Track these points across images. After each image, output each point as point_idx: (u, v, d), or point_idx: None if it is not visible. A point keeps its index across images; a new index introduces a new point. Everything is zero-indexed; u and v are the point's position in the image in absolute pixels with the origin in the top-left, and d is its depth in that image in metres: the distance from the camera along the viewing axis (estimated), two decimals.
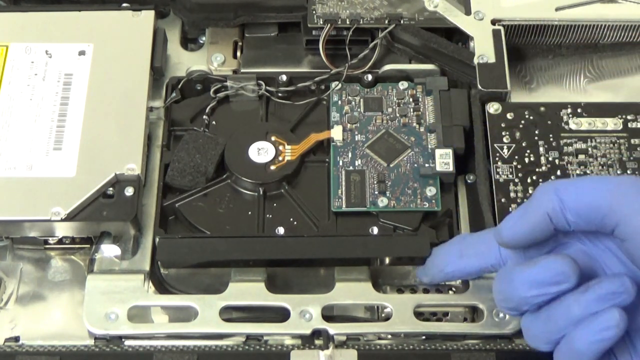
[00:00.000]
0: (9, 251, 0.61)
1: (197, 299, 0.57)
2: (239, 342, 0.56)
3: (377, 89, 0.65)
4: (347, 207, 0.60)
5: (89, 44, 0.64)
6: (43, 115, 0.61)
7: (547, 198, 0.49)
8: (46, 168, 0.59)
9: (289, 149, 0.62)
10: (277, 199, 0.61)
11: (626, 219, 0.47)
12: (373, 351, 0.55)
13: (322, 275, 0.60)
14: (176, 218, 0.61)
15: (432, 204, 0.60)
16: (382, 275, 0.60)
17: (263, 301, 0.57)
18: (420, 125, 0.63)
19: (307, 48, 0.68)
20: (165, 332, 0.57)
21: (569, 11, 0.66)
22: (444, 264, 0.55)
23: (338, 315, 0.57)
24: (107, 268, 0.59)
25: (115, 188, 0.59)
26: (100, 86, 0.62)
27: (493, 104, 0.62)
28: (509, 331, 0.56)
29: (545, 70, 0.70)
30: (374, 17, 0.66)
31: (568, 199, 0.48)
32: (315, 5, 0.67)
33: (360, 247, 0.57)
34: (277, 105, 0.65)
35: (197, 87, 0.66)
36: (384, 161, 0.62)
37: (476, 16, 0.66)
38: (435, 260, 0.55)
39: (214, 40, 0.69)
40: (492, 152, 0.60)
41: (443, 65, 0.66)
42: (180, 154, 0.62)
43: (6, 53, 0.64)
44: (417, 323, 0.56)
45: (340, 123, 0.63)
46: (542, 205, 0.49)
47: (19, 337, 0.58)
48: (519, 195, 0.58)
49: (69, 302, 0.60)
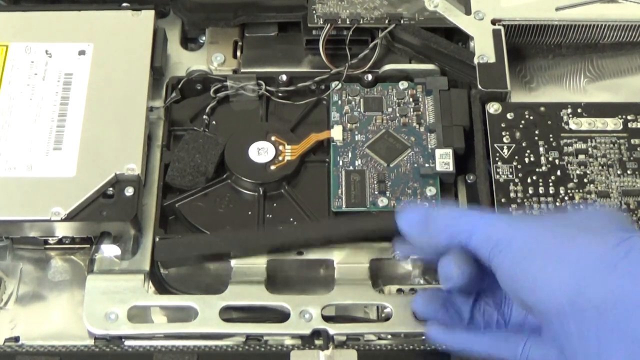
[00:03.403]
0: (9, 251, 0.61)
1: (197, 299, 0.57)
2: (239, 342, 0.56)
3: (377, 88, 0.65)
4: (347, 207, 0.60)
5: (89, 44, 0.64)
6: (43, 115, 0.61)
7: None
8: (46, 168, 0.59)
9: (289, 149, 0.62)
10: (277, 199, 0.61)
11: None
12: (373, 351, 0.55)
13: (322, 275, 0.60)
14: (176, 218, 0.61)
15: (432, 204, 0.60)
16: (382, 275, 0.60)
17: (263, 301, 0.57)
18: (420, 125, 0.63)
19: (307, 48, 0.68)
20: (165, 332, 0.57)
21: (569, 11, 0.66)
22: None
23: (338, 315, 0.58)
24: (107, 268, 0.59)
25: (115, 188, 0.59)
26: (100, 86, 0.62)
27: (493, 104, 0.62)
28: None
29: (545, 70, 0.70)
30: (374, 17, 0.66)
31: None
32: (315, 5, 0.67)
33: (356, 224, 0.57)
34: (277, 105, 0.65)
35: (197, 87, 0.66)
36: (384, 161, 0.62)
37: (476, 16, 0.66)
38: None
39: (214, 40, 0.69)
40: (492, 152, 0.60)
41: (443, 65, 0.66)
42: (180, 154, 0.62)
43: (6, 53, 0.64)
44: (417, 323, 0.56)
45: (340, 123, 0.63)
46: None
47: (19, 337, 0.58)
48: (518, 195, 0.58)
49: (69, 302, 0.60)
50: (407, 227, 0.51)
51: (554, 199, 0.58)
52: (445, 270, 0.50)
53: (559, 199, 0.58)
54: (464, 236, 0.49)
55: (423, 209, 0.54)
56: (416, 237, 0.51)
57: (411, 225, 0.51)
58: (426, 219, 0.50)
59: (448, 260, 0.50)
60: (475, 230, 0.48)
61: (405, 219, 0.51)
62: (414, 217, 0.51)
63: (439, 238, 0.50)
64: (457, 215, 0.50)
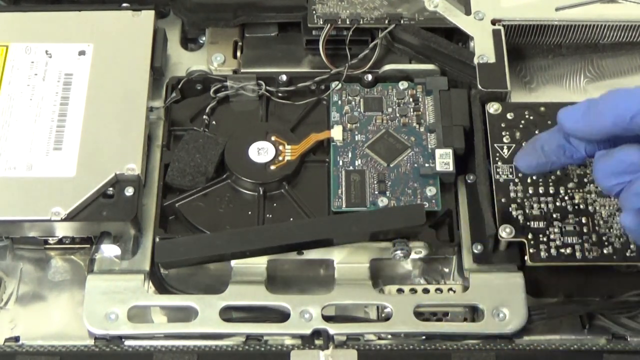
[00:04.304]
0: (9, 251, 0.61)
1: (197, 299, 0.57)
2: (239, 342, 0.56)
3: (377, 89, 0.65)
4: (347, 207, 0.60)
5: (89, 44, 0.64)
6: (43, 115, 0.61)
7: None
8: (46, 168, 0.59)
9: (289, 148, 0.62)
10: (277, 199, 0.61)
11: None
12: (373, 351, 0.55)
13: (322, 275, 0.60)
14: (176, 218, 0.61)
15: (432, 204, 0.60)
16: (382, 275, 0.60)
17: (263, 301, 0.57)
18: (420, 125, 0.63)
19: (307, 48, 0.68)
20: (165, 332, 0.57)
21: (569, 11, 0.66)
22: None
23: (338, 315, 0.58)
24: (107, 268, 0.59)
25: (115, 188, 0.59)
26: (100, 86, 0.63)
27: (493, 104, 0.62)
28: (509, 331, 0.56)
29: (545, 70, 0.70)
30: (374, 17, 0.66)
31: None
32: (315, 5, 0.67)
33: (355, 222, 0.57)
34: (277, 105, 0.66)
35: (197, 87, 0.66)
36: (384, 161, 0.62)
37: (476, 16, 0.66)
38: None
39: (214, 40, 0.69)
40: (492, 152, 0.60)
41: (443, 65, 0.66)
42: (180, 154, 0.62)
43: (6, 53, 0.64)
44: (417, 323, 0.56)
45: (340, 123, 0.63)
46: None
47: (19, 337, 0.58)
48: (519, 195, 0.58)
49: (69, 302, 0.60)
50: (571, 124, 0.51)
51: (553, 199, 0.58)
52: (629, 159, 0.49)
53: (559, 198, 0.58)
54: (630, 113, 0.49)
55: (584, 102, 0.52)
56: (581, 130, 0.51)
57: (576, 120, 0.51)
58: (588, 109, 0.50)
59: (629, 148, 0.49)
60: None
61: (568, 117, 0.52)
62: (577, 112, 0.51)
63: (605, 123, 0.50)
64: (620, 95, 0.50)
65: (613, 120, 0.49)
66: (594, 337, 0.57)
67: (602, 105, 0.50)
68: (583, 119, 0.51)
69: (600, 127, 0.50)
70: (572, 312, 0.58)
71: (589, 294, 0.58)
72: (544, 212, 0.58)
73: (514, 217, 0.58)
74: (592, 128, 0.51)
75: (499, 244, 0.58)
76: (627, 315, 0.57)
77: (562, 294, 0.58)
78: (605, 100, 0.50)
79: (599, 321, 0.58)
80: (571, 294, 0.58)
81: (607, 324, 0.57)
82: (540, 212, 0.58)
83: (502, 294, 0.57)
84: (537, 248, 0.56)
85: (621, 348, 0.56)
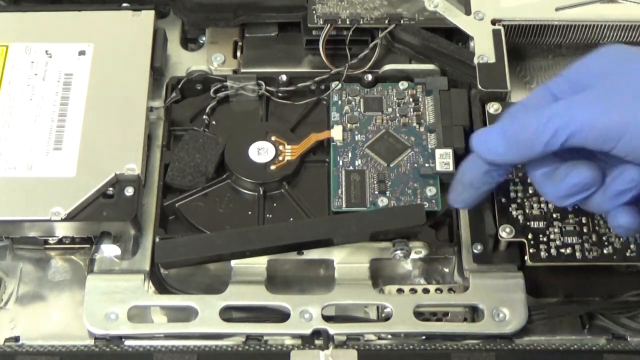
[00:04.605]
0: (9, 251, 0.61)
1: (197, 299, 0.57)
2: (239, 342, 0.56)
3: (377, 89, 0.65)
4: (347, 207, 0.60)
5: (89, 44, 0.64)
6: (43, 115, 0.61)
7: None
8: (46, 168, 0.59)
9: (289, 148, 0.62)
10: (277, 198, 0.61)
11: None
12: (373, 351, 0.55)
13: (322, 275, 0.60)
14: (176, 218, 0.61)
15: (432, 204, 0.60)
16: (382, 275, 0.60)
17: (263, 301, 0.57)
18: (420, 125, 0.63)
19: (307, 48, 0.68)
20: (165, 332, 0.57)
21: (569, 11, 0.66)
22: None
23: (338, 315, 0.58)
24: (107, 268, 0.59)
25: (115, 188, 0.59)
26: (100, 86, 0.63)
27: (493, 104, 0.62)
28: (509, 331, 0.56)
29: (545, 70, 0.70)
30: (374, 17, 0.66)
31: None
32: (315, 5, 0.67)
33: (355, 222, 0.57)
34: (277, 105, 0.66)
35: (197, 87, 0.66)
36: (384, 161, 0.62)
37: (476, 16, 0.66)
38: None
39: (214, 40, 0.69)
40: None
41: (443, 65, 0.66)
42: (180, 154, 0.62)
43: (6, 53, 0.64)
44: (417, 323, 0.56)
45: (340, 123, 0.63)
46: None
47: (19, 337, 0.58)
48: (519, 195, 0.58)
49: (69, 302, 0.60)
50: (494, 156, 0.49)
51: None
52: (582, 181, 0.48)
53: None
54: (564, 135, 0.46)
55: (496, 126, 0.49)
56: (508, 160, 0.49)
57: (498, 153, 0.48)
58: (505, 135, 0.48)
59: (578, 169, 0.48)
60: (577, 127, 0.46)
61: (481, 143, 0.49)
62: (496, 143, 0.48)
63: (532, 150, 0.47)
64: (544, 116, 0.46)
65: (543, 149, 0.47)
66: (594, 337, 0.57)
67: (524, 134, 0.47)
68: (507, 151, 0.48)
69: (530, 155, 0.48)
70: (572, 312, 0.58)
71: (589, 294, 0.58)
72: (544, 212, 0.58)
73: (514, 217, 0.58)
74: (520, 157, 0.48)
75: (499, 244, 0.58)
76: (627, 315, 0.57)
77: (562, 294, 0.58)
78: (526, 128, 0.47)
79: (599, 321, 0.58)
80: (571, 294, 0.58)
81: (607, 324, 0.57)
82: (540, 212, 0.58)
83: (502, 294, 0.57)
84: (537, 248, 0.56)
85: (621, 348, 0.56)
